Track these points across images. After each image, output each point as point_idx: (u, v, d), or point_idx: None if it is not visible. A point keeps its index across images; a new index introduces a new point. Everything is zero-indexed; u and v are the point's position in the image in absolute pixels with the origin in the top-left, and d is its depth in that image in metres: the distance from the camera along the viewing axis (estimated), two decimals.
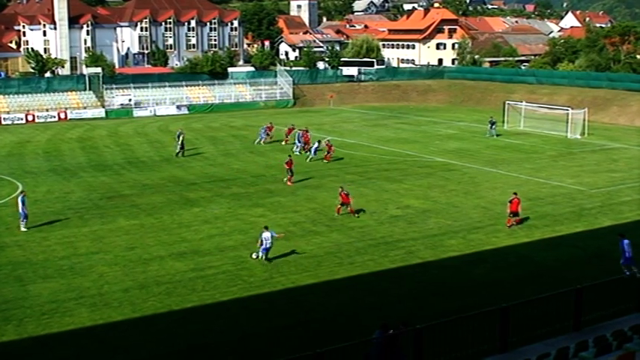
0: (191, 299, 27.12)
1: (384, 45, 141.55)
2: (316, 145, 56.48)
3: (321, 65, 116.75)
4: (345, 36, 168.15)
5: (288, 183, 46.84)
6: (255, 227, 36.28)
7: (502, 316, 19.62)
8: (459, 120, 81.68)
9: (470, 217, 38.81)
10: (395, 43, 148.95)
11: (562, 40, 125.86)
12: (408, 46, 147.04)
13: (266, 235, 30.81)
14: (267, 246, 30.83)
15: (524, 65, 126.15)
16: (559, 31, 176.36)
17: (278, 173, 50.19)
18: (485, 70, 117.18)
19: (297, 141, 60.04)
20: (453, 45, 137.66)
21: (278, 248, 32.69)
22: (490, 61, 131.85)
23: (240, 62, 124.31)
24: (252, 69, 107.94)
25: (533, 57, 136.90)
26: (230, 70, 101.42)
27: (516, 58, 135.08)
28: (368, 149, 59.89)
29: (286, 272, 30.00)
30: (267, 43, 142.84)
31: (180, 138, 58.09)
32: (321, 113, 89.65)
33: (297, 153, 57.79)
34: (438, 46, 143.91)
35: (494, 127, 68.17)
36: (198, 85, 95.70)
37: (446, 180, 48.52)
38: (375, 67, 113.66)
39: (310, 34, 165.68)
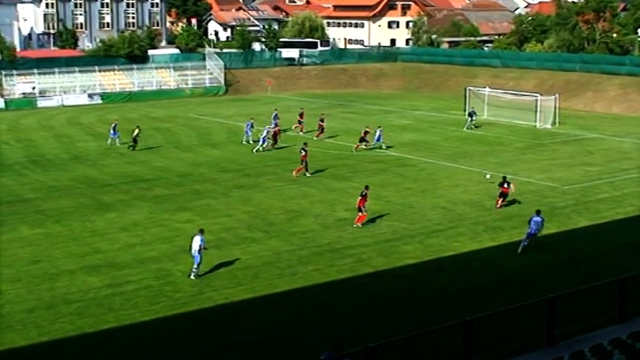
0: (107, 320, 26.69)
1: (328, 24, 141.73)
2: (264, 133, 57.08)
3: (256, 47, 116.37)
4: (284, 13, 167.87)
5: (295, 173, 48.66)
6: (181, 235, 36.00)
7: (465, 331, 19.69)
8: (414, 108, 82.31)
9: (428, 219, 39.06)
10: (341, 21, 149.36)
11: (529, 18, 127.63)
12: (356, 25, 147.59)
13: (197, 238, 30.63)
14: (197, 251, 30.34)
15: (487, 46, 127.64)
16: (526, 7, 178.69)
17: (207, 171, 49.92)
18: (444, 52, 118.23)
19: (247, 130, 60.69)
20: (407, 23, 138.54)
21: (208, 258, 32.41)
22: (449, 42, 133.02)
23: (163, 44, 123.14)
24: (177, 51, 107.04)
25: (497, 37, 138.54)
26: (151, 52, 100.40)
27: (478, 38, 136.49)
28: (311, 143, 59.79)
29: (218, 286, 29.75)
30: (193, 21, 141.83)
31: (136, 132, 57.91)
32: (257, 102, 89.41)
33: (244, 142, 59.41)
34: (390, 25, 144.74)
35: (474, 118, 68.66)
36: (114, 70, 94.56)
37: (400, 177, 48.77)
38: (319, 48, 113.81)
39: (244, 10, 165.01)
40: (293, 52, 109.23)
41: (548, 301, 21.34)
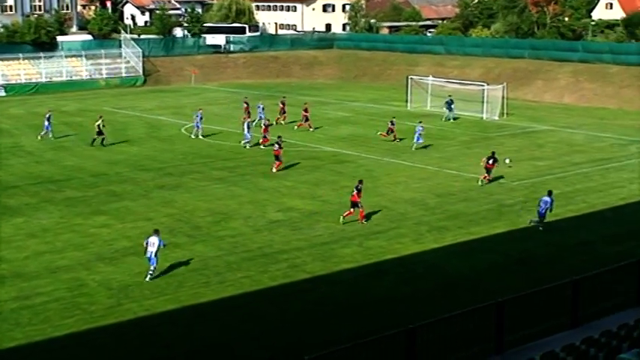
0: (14, 337, 26.33)
1: (257, 7, 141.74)
2: (246, 129, 57.70)
3: (178, 32, 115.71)
4: None
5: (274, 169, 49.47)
6: (96, 241, 35.73)
7: (408, 340, 19.92)
8: (352, 100, 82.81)
9: (367, 220, 39.33)
10: (272, 4, 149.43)
11: (475, 1, 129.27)
12: (288, 8, 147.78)
13: (152, 239, 31.03)
14: (152, 254, 30.90)
15: (430, 31, 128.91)
16: None
17: (124, 171, 49.57)
18: (384, 38, 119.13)
19: (197, 123, 60.77)
20: (344, 7, 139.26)
21: (126, 266, 32.30)
22: (389, 27, 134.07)
23: (74, 29, 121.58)
24: (89, 38, 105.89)
25: (440, 21, 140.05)
26: (60, 39, 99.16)
27: (420, 23, 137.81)
28: (240, 138, 59.80)
29: (138, 297, 29.58)
30: (108, 4, 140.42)
31: (98, 122, 57.65)
32: (179, 93, 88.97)
33: (194, 137, 60.14)
34: (325, 8, 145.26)
35: (452, 107, 69.26)
36: (18, 58, 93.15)
37: (337, 174, 49.04)
38: (248, 34, 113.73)
39: None
40: (219, 39, 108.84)
41: (496, 306, 21.69)
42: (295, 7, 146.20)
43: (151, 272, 31.20)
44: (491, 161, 44.37)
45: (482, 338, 21.69)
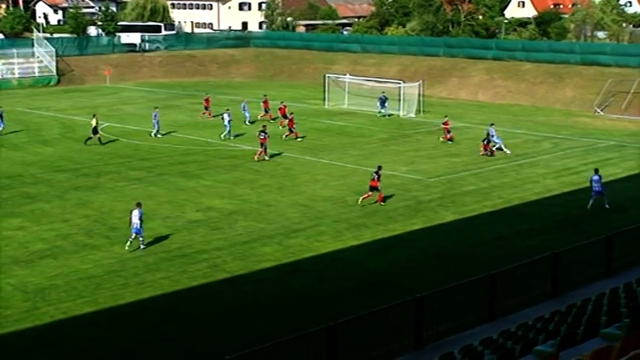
0: None
1: (173, 5, 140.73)
2: (226, 121, 59.60)
3: (92, 31, 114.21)
4: None
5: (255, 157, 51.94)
6: (10, 244, 35.12)
7: (330, 337, 20.02)
8: (270, 98, 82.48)
9: (287, 218, 39.41)
10: (187, 2, 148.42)
11: (390, 0, 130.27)
12: (203, 7, 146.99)
13: (135, 212, 34.10)
14: (137, 226, 33.97)
15: (346, 30, 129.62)
16: None
17: (39, 172, 48.78)
18: (300, 36, 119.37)
19: (155, 122, 60.70)
20: (260, 5, 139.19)
21: (42, 269, 31.82)
22: (306, 25, 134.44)
23: None
24: (1, 37, 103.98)
25: (356, 20, 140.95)
26: None
27: (337, 22, 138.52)
28: (157, 138, 59.34)
29: (55, 300, 29.13)
30: (20, 2, 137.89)
31: (94, 122, 57.12)
32: (94, 93, 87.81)
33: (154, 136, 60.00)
34: (241, 7, 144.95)
35: (386, 104, 69.74)
36: None
37: (256, 173, 48.99)
38: (163, 33, 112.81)
39: None
40: (134, 38, 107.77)
41: (415, 302, 21.95)
42: (211, 5, 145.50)
43: (141, 240, 34.39)
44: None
45: (402, 333, 21.92)
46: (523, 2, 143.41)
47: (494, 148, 54.21)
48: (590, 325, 18.47)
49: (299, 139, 58.87)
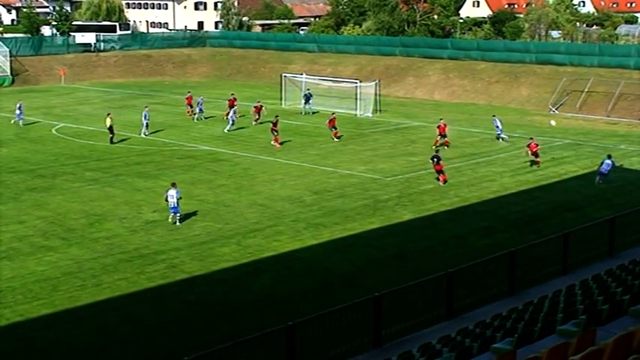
0: None
1: (128, 5, 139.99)
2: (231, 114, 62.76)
3: (46, 31, 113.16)
4: None
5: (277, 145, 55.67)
6: None
7: (288, 337, 20.05)
8: (226, 98, 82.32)
9: (245, 218, 39.36)
10: (142, 2, 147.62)
11: None
12: (159, 6, 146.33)
13: (172, 192, 37.63)
14: (174, 205, 37.55)
15: (302, 29, 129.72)
16: None
17: None
18: (257, 36, 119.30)
19: (145, 122, 60.98)
20: (216, 4, 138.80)
21: None
22: (262, 25, 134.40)
23: None
24: None
25: (312, 19, 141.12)
26: None
27: (293, 21, 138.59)
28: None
29: (11, 302, 28.85)
30: None
31: (109, 122, 57.66)
32: (49, 93, 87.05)
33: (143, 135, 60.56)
34: (196, 6, 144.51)
35: (310, 101, 69.93)
36: None
37: (213, 173, 48.86)
38: (118, 32, 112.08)
39: None
40: (89, 37, 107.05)
41: (373, 300, 22.04)
42: (167, 4, 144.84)
43: (178, 217, 37.96)
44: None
45: (361, 332, 22.01)
46: (478, 2, 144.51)
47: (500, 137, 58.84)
48: (546, 323, 18.65)
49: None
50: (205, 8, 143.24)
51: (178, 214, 38.09)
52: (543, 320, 19.16)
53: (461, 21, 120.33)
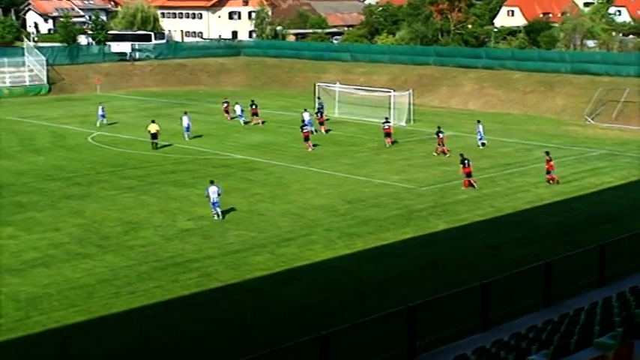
0: None
1: (163, 14, 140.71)
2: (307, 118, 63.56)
3: (83, 40, 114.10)
4: (112, 3, 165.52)
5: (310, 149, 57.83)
6: (3, 252, 35.06)
7: (322, 347, 20.01)
8: (261, 107, 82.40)
9: (279, 227, 39.39)
10: (177, 11, 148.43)
11: (380, 8, 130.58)
12: (193, 16, 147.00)
13: (213, 188, 39.88)
14: (215, 200, 39.74)
15: (336, 39, 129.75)
16: None
17: (31, 181, 48.72)
18: (291, 45, 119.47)
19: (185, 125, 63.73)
20: (250, 14, 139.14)
21: (35, 278, 31.74)
22: (295, 34, 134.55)
23: None
24: None
25: (346, 28, 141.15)
26: None
27: (327, 30, 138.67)
28: (148, 147, 59.25)
29: (47, 309, 29.07)
30: (11, 11, 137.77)
31: (155, 128, 59.37)
32: (85, 102, 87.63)
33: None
34: (230, 16, 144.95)
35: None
36: None
37: (248, 182, 48.97)
38: (153, 42, 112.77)
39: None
40: (124, 46, 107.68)
41: (407, 311, 21.95)
42: (201, 14, 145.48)
43: (219, 214, 40.11)
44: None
45: (395, 343, 21.91)
46: (512, 11, 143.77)
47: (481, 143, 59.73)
48: (583, 335, 18.49)
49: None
50: (239, 18, 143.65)
51: (219, 209, 40.23)
52: (579, 332, 19.00)
53: (495, 30, 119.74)
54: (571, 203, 44.23)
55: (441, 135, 57.87)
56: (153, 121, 60.19)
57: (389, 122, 61.96)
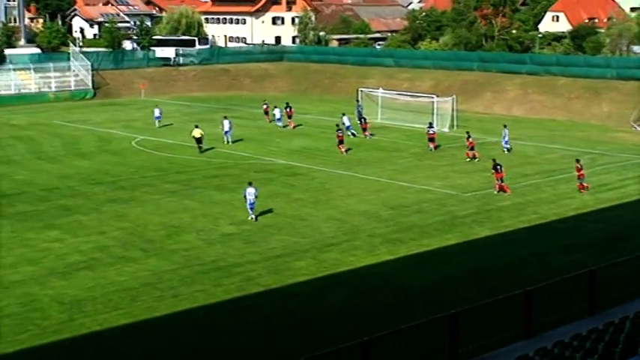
0: None
1: (207, 20, 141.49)
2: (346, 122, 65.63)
3: (127, 45, 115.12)
4: (157, 8, 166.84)
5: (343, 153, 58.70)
6: (49, 255, 35.49)
7: (364, 352, 20.00)
8: (304, 112, 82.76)
9: (321, 232, 39.46)
10: (221, 17, 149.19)
11: (423, 14, 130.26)
12: (237, 21, 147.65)
13: (250, 190, 40.59)
14: (252, 201, 40.46)
15: (379, 44, 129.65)
16: (420, 1, 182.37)
17: (76, 184, 49.23)
18: (334, 51, 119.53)
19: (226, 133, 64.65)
20: (293, 19, 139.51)
21: (79, 281, 32.08)
22: (339, 40, 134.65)
23: (22, 42, 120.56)
24: (38, 51, 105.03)
25: (389, 34, 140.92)
26: (8, 52, 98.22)
27: (370, 36, 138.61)
28: (192, 151, 59.62)
29: (91, 311, 29.37)
30: (57, 17, 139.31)
31: (200, 133, 60.32)
32: (129, 106, 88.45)
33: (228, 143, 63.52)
34: (274, 21, 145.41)
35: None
36: None
37: (290, 187, 49.09)
38: (197, 47, 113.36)
39: (112, 5, 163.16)
40: (168, 52, 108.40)
41: (450, 317, 21.86)
42: (245, 19, 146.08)
43: (254, 215, 40.98)
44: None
45: (437, 350, 21.83)
46: (557, 16, 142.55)
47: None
48: (628, 344, 18.33)
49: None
50: (283, 23, 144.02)
51: (254, 210, 41.06)
52: (624, 341, 18.83)
53: (540, 36, 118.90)
54: (616, 210, 43.82)
55: (470, 139, 57.79)
56: (196, 126, 60.90)
57: (433, 127, 62.23)
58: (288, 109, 73.25)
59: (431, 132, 61.55)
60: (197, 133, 59.91)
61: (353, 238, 38.59)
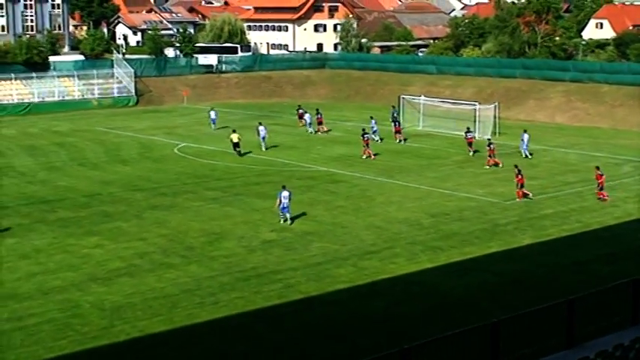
0: (6, 358, 26.21)
1: (249, 27, 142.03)
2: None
3: (170, 52, 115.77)
4: (200, 16, 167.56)
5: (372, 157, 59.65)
6: (89, 261, 35.69)
7: None
8: (345, 119, 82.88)
9: (361, 240, 39.35)
10: (263, 24, 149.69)
11: (466, 20, 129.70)
12: (279, 28, 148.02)
13: (285, 193, 41.19)
14: (286, 204, 41.05)
15: (421, 51, 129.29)
16: (462, 9, 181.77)
17: (117, 191, 49.55)
18: (376, 58, 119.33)
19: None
20: (335, 26, 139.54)
21: (119, 287, 32.25)
22: (381, 47, 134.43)
23: (66, 49, 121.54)
24: (82, 58, 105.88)
25: (432, 41, 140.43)
26: (52, 59, 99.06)
27: (412, 43, 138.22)
28: (233, 158, 59.84)
29: (131, 318, 29.49)
30: (102, 24, 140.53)
31: (237, 138, 61.34)
32: (172, 113, 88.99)
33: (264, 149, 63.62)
34: (316, 28, 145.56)
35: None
36: (10, 79, 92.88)
37: (331, 194, 49.03)
38: (240, 54, 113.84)
39: (155, 12, 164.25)
40: (211, 59, 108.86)
41: (491, 326, 21.69)
42: (287, 27, 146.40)
43: (289, 219, 41.49)
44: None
45: (479, 358, 21.67)
46: (601, 24, 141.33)
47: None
48: None
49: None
50: (325, 30, 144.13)
51: (288, 215, 41.55)
52: None
53: (583, 43, 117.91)
54: None
55: (491, 146, 57.59)
56: (234, 131, 61.86)
57: (471, 132, 62.89)
58: (318, 116, 74.21)
59: (469, 137, 62.01)
60: (235, 137, 60.79)
61: (393, 245, 38.46)
